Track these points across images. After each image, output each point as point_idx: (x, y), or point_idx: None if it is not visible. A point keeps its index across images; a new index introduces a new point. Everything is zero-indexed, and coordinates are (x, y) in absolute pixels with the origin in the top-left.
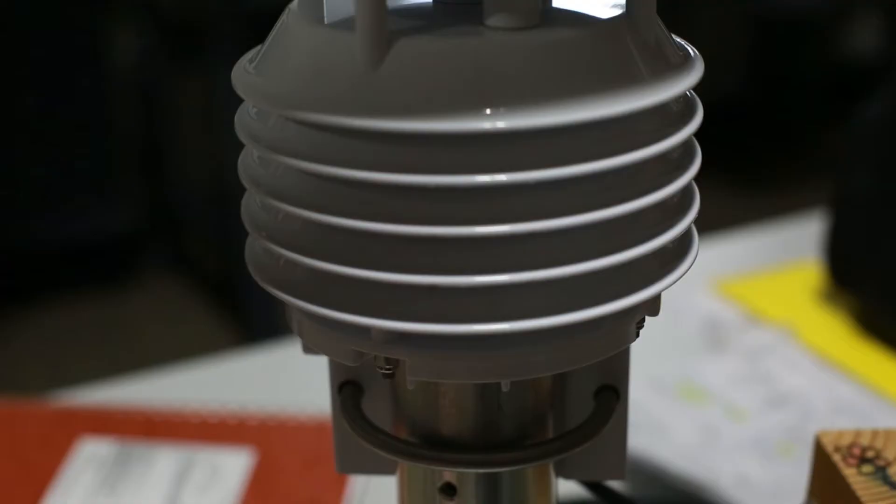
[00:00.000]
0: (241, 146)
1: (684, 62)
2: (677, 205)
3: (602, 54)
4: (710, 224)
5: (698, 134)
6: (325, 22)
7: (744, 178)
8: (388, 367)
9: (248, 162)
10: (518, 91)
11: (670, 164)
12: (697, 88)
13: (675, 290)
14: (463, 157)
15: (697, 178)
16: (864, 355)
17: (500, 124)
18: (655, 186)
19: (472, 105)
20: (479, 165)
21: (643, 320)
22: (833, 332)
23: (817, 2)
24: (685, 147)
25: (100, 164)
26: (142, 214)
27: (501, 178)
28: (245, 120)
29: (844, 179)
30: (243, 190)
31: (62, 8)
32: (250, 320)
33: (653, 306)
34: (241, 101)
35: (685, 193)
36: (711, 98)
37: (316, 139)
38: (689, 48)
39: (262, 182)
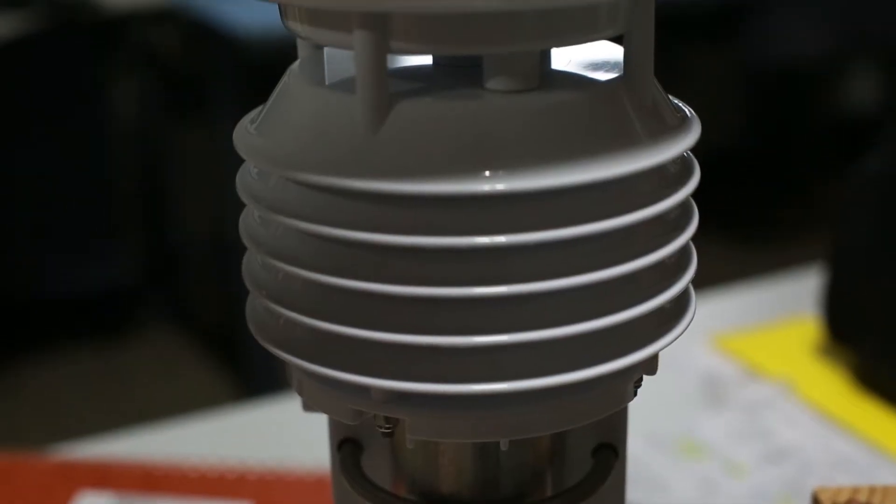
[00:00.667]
0: (241, 200)
1: (681, 123)
2: (675, 265)
3: (600, 117)
4: (707, 278)
5: (696, 186)
6: (327, 82)
7: (741, 231)
8: (387, 426)
9: (250, 221)
10: (517, 153)
11: (668, 225)
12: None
13: (673, 344)
14: (462, 219)
15: (695, 232)
16: (862, 410)
17: (500, 186)
18: (653, 247)
19: (472, 167)
20: (479, 227)
21: (641, 379)
22: (831, 387)
23: (815, 54)
24: (682, 207)
25: (100, 215)
26: (142, 266)
27: (501, 239)
28: (246, 180)
29: (842, 234)
30: (244, 244)
31: (63, 58)
32: (250, 374)
33: (650, 365)
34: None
35: (682, 253)
36: (709, 151)
37: (317, 200)
38: (685, 109)
39: (262, 242)
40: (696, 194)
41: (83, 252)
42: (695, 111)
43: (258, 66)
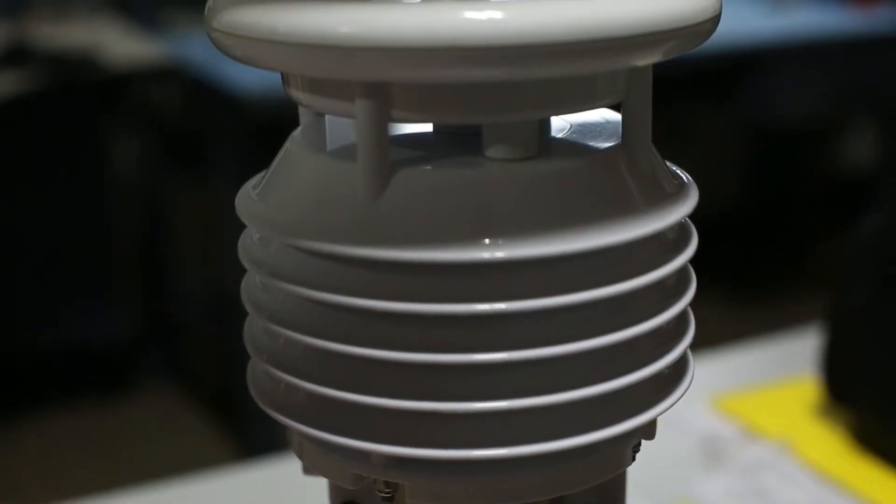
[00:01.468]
0: (242, 264)
1: (679, 190)
2: (673, 330)
3: (599, 184)
4: (706, 338)
5: (694, 253)
6: (328, 149)
7: (740, 290)
8: (387, 490)
9: (251, 286)
10: (517, 221)
11: (666, 291)
12: None
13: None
14: (462, 286)
15: (692, 297)
16: (860, 471)
17: (499, 254)
18: (651, 314)
19: (472, 235)
20: (479, 294)
21: (640, 443)
22: (830, 448)
23: (813, 113)
24: (680, 273)
25: (100, 272)
26: (141, 323)
27: (500, 306)
28: (248, 245)
29: (840, 294)
30: (244, 307)
31: (64, 115)
32: (249, 433)
33: (649, 430)
34: None
35: (681, 319)
36: (708, 211)
37: (318, 267)
38: (683, 175)
39: (263, 307)
40: (694, 253)
41: (82, 309)
42: (694, 170)
43: (258, 125)
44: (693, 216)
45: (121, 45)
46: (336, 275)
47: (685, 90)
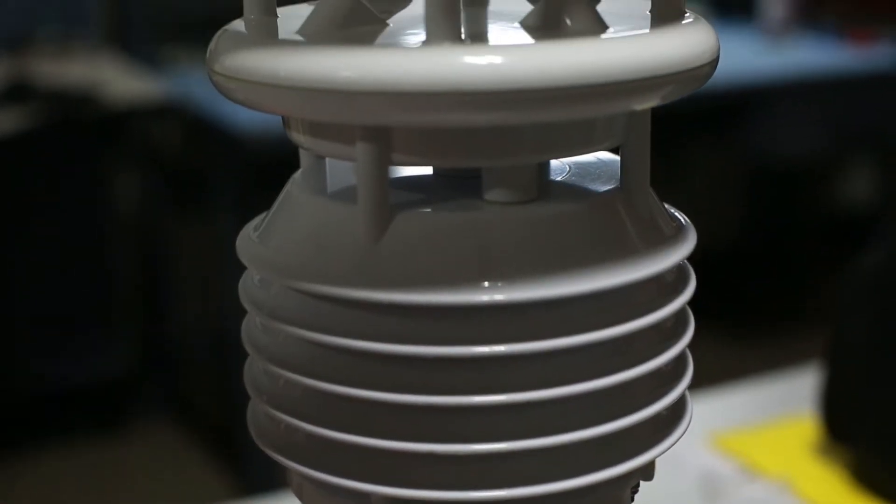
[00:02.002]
0: (243, 306)
1: (677, 232)
2: (671, 372)
3: (597, 228)
4: (705, 376)
5: (692, 295)
6: (329, 191)
7: (740, 327)
8: None
9: (251, 328)
10: (516, 264)
11: (664, 334)
12: None
13: None
14: (462, 329)
15: (691, 339)
16: None
17: (499, 297)
18: (650, 356)
19: (471, 278)
20: (478, 337)
21: (638, 485)
22: (829, 486)
23: (811, 151)
24: (679, 315)
25: (99, 307)
26: (140, 359)
27: (500, 349)
28: (248, 287)
29: (839, 332)
30: (240, 332)
31: (65, 152)
32: (248, 470)
33: (647, 471)
34: None
35: (679, 361)
36: (707, 247)
37: (318, 309)
38: (681, 217)
39: (264, 348)
40: (693, 294)
41: (81, 344)
42: (693, 206)
43: (258, 163)
44: (692, 253)
45: (121, 82)
46: (336, 317)
47: (684, 127)
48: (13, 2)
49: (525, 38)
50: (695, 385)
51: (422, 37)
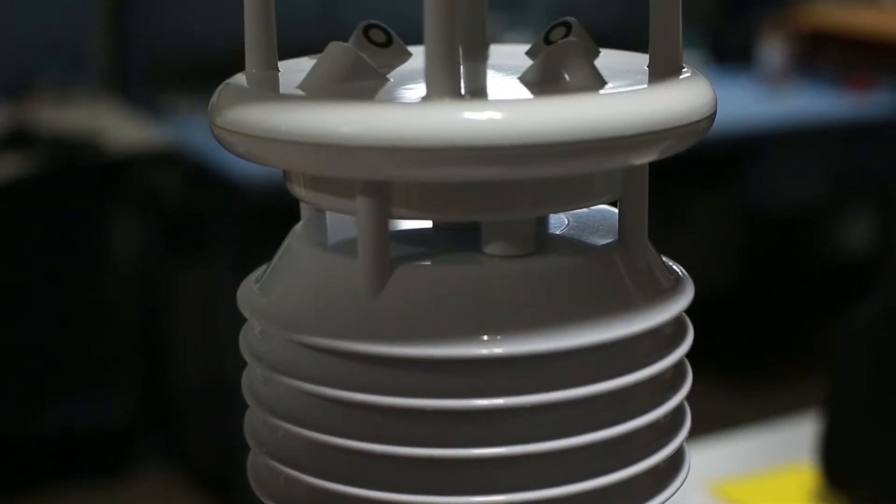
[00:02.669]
0: (238, 338)
1: (675, 285)
2: (669, 424)
3: (596, 281)
4: (704, 424)
5: (690, 347)
6: (329, 243)
7: (738, 375)
8: None
9: (252, 379)
10: (515, 318)
11: (663, 386)
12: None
13: None
14: (461, 382)
15: (688, 391)
16: None
17: (498, 350)
18: (648, 408)
19: (470, 332)
20: (478, 390)
21: None
22: None
23: (809, 199)
24: (677, 368)
25: (97, 355)
26: (138, 407)
27: (499, 402)
28: (249, 338)
29: (837, 381)
30: (240, 380)
31: (64, 197)
32: None
33: None
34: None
35: (677, 413)
36: (705, 296)
37: (318, 361)
38: (678, 270)
39: (264, 400)
40: (690, 347)
41: (80, 391)
42: (691, 254)
43: (257, 210)
44: (690, 303)
45: (121, 129)
46: (336, 369)
47: (683, 174)
48: (14, 48)
49: (524, 93)
50: (693, 432)
51: (422, 91)
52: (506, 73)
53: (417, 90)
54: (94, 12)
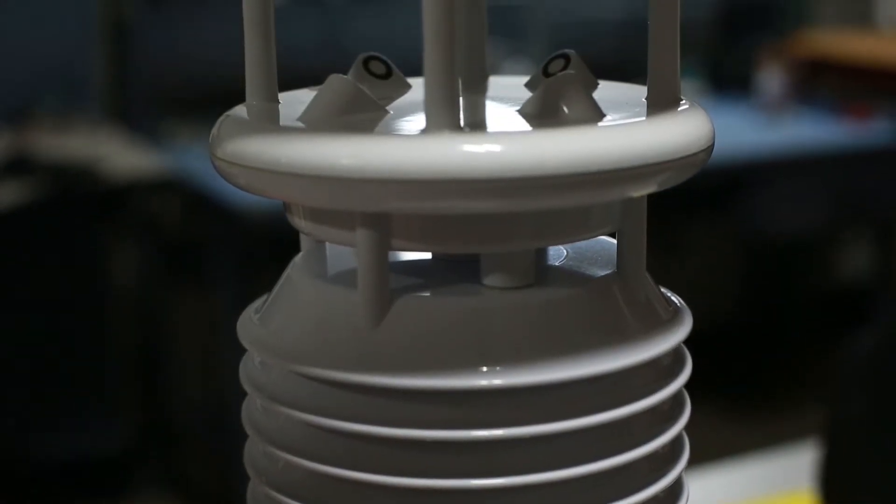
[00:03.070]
0: (238, 366)
1: (674, 316)
2: (667, 454)
3: (595, 313)
4: (702, 452)
5: (691, 358)
6: (329, 274)
7: (738, 402)
8: None
9: (252, 409)
10: (514, 349)
11: (661, 417)
12: (691, 314)
13: None
14: (461, 413)
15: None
16: None
17: (497, 381)
18: (646, 439)
19: (470, 363)
20: (477, 421)
21: None
22: None
23: (808, 227)
24: (675, 398)
25: (96, 381)
26: (138, 434)
27: (498, 433)
28: (249, 369)
29: (836, 409)
30: (239, 407)
31: (64, 225)
32: None
33: None
34: (238, 317)
35: (675, 443)
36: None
37: (318, 392)
38: (676, 301)
39: (264, 430)
40: (691, 365)
41: (79, 418)
42: (690, 282)
43: (257, 238)
44: (689, 334)
45: (121, 156)
46: (336, 400)
47: (682, 201)
48: (14, 75)
49: (523, 125)
50: (692, 460)
51: (422, 124)
52: (505, 105)
53: (417, 122)
54: (95, 40)
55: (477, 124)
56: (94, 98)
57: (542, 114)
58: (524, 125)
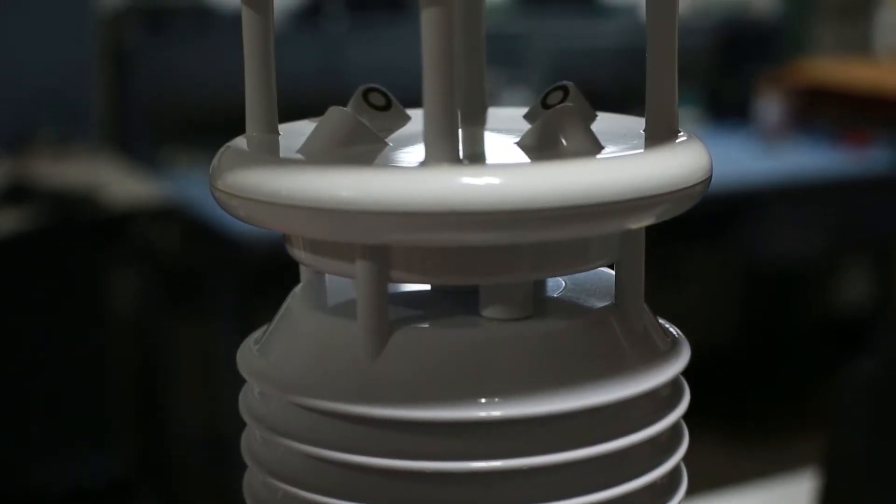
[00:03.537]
0: (237, 395)
1: (672, 347)
2: (666, 485)
3: (592, 344)
4: (702, 480)
5: (690, 386)
6: (328, 305)
7: (737, 430)
8: None
9: (251, 440)
10: (512, 381)
11: (659, 448)
12: (690, 341)
13: None
14: (460, 445)
15: (688, 433)
16: None
17: (496, 413)
18: (644, 470)
19: (469, 394)
20: (476, 452)
21: None
22: None
23: (807, 254)
24: (674, 429)
25: (95, 409)
26: (136, 462)
27: (497, 464)
28: (249, 400)
29: (835, 437)
30: (238, 436)
31: (63, 252)
32: None
33: None
34: (238, 345)
35: (673, 474)
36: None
37: (317, 423)
38: (674, 332)
39: (263, 461)
40: (690, 393)
41: (78, 447)
42: (689, 309)
43: (256, 265)
44: (687, 365)
45: (120, 184)
46: (335, 431)
47: (680, 230)
48: (13, 102)
49: (522, 157)
50: (691, 489)
51: (421, 156)
52: (504, 136)
53: (416, 154)
54: (94, 67)
55: (476, 156)
56: (93, 125)
57: (540, 146)
58: (523, 157)
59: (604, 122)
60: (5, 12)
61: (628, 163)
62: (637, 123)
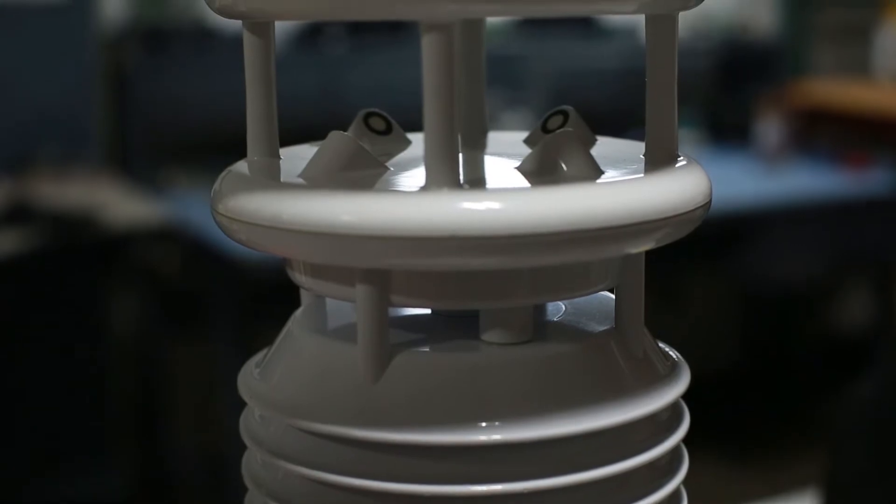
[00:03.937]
0: (237, 417)
1: (671, 371)
2: None
3: (592, 368)
4: (703, 502)
5: (691, 408)
6: (329, 328)
7: (737, 452)
8: None
9: (251, 463)
10: (512, 404)
11: (659, 471)
12: (691, 363)
13: None
14: (460, 468)
15: (689, 454)
16: None
17: (496, 437)
18: (645, 493)
19: (469, 418)
20: (476, 476)
21: None
22: None
23: (807, 276)
24: (674, 452)
25: (95, 430)
26: (135, 483)
27: (497, 488)
28: (249, 423)
29: (835, 459)
30: (238, 458)
31: (63, 273)
32: None
33: None
34: (238, 367)
35: (673, 497)
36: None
37: (318, 447)
38: (674, 355)
39: (263, 484)
40: (691, 415)
41: (78, 468)
42: (690, 331)
43: (256, 287)
44: (686, 389)
45: (121, 205)
46: (335, 455)
47: (680, 251)
48: (14, 123)
49: (522, 182)
50: None
51: (421, 180)
52: (504, 161)
53: (417, 178)
54: (95, 88)
55: (476, 181)
56: (94, 146)
57: (540, 171)
58: (523, 182)
59: (603, 147)
60: (6, 34)
61: (628, 188)
62: (637, 148)
